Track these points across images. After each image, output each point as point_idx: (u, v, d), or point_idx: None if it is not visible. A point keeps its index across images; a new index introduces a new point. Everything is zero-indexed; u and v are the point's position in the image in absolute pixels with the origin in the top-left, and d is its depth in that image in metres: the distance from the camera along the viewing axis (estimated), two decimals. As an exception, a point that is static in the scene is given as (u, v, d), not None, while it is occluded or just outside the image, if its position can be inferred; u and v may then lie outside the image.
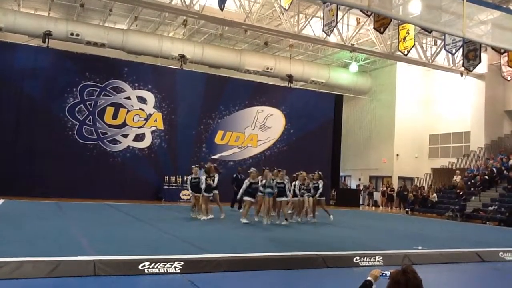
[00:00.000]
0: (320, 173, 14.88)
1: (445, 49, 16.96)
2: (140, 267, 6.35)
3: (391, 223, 16.67)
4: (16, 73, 19.29)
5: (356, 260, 7.95)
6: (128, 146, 21.28)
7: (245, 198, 12.94)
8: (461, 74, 22.81)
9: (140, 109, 21.58)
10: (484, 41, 16.07)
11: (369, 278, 3.50)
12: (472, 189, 22.00)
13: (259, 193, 13.02)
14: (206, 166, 14.20)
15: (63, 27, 20.88)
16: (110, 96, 20.92)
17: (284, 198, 12.95)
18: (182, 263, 6.58)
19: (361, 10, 14.55)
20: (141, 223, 11.97)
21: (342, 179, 30.19)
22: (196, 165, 14.69)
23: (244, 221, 12.54)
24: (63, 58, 20.32)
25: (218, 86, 23.28)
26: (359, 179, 29.55)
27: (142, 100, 21.60)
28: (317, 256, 7.89)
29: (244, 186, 12.84)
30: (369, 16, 15.82)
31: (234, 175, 17.25)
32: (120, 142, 21.12)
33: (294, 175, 14.51)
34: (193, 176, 13.58)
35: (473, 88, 24.92)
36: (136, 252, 7.10)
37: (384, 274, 3.48)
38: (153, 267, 6.38)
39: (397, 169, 27.38)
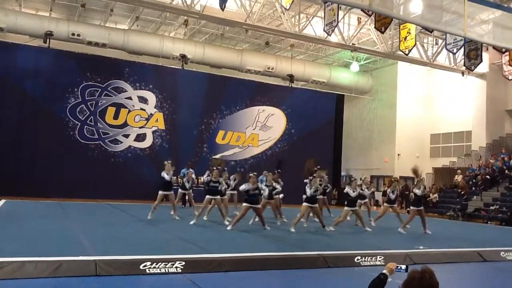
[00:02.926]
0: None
1: (446, 49, 16.95)
2: (141, 267, 6.37)
3: (392, 223, 16.64)
4: (18, 74, 19.28)
5: (357, 259, 7.96)
6: (130, 146, 21.28)
7: (244, 204, 11.54)
8: (462, 74, 22.79)
9: (141, 109, 21.57)
10: (486, 40, 16.04)
11: (384, 271, 3.53)
12: (473, 188, 21.98)
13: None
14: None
15: (64, 28, 20.89)
16: (111, 96, 20.93)
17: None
18: (183, 263, 6.59)
19: (362, 10, 14.55)
20: (143, 223, 11.98)
21: (343, 179, 30.16)
22: (169, 161, 13.35)
23: (228, 227, 11.46)
24: (64, 58, 20.31)
25: (219, 86, 23.26)
26: (361, 179, 29.48)
27: (143, 100, 21.60)
28: (318, 256, 7.90)
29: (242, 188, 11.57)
30: (370, 15, 15.81)
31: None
32: (122, 142, 21.12)
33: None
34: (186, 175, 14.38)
35: (474, 87, 24.88)
36: (137, 252, 7.11)
37: (399, 267, 3.51)
38: (154, 267, 6.39)
39: (399, 168, 27.31)
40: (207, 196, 12.46)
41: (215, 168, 12.97)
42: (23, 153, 18.92)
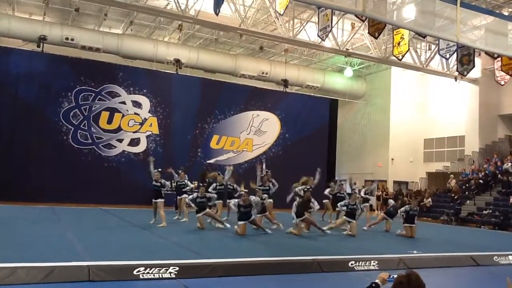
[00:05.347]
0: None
1: (439, 54, 17.04)
2: (135, 272, 6.34)
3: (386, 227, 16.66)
4: (11, 78, 19.21)
5: (351, 264, 7.96)
6: (123, 151, 21.20)
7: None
8: (455, 79, 22.91)
9: (135, 113, 21.53)
10: (478, 46, 16.15)
11: (376, 280, 3.53)
12: (466, 193, 22.08)
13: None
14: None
15: (58, 32, 20.82)
16: (105, 101, 20.87)
17: None
18: (177, 268, 6.57)
19: (355, 15, 14.58)
20: (136, 228, 11.92)
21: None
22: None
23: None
24: (58, 62, 20.25)
25: (214, 91, 23.27)
26: (354, 184, 29.52)
27: (137, 104, 21.56)
28: (312, 261, 7.89)
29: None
30: (363, 21, 15.88)
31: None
32: (115, 147, 21.05)
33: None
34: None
35: (467, 92, 25.05)
36: (131, 257, 7.07)
37: (391, 277, 3.52)
38: (148, 272, 6.36)
39: (392, 173, 27.42)
40: (197, 215, 12.24)
41: (202, 183, 13.20)
42: (16, 158, 18.80)
